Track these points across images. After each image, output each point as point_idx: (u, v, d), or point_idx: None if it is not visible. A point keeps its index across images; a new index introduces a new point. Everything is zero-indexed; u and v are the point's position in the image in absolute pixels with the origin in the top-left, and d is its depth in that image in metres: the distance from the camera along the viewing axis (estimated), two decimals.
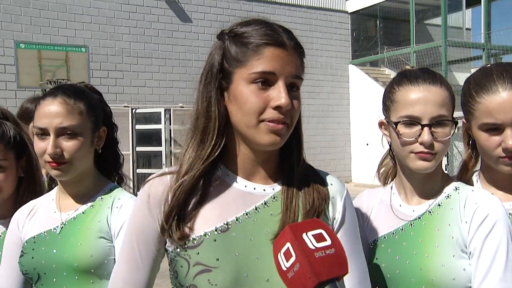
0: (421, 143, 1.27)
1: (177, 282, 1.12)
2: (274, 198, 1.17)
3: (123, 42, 14.10)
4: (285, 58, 1.08)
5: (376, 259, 1.37)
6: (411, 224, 1.34)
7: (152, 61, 14.18)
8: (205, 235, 1.10)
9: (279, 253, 0.95)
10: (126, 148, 12.10)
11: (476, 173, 1.50)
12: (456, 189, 1.34)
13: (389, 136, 1.39)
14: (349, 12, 18.02)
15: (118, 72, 13.97)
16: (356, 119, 17.06)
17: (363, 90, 16.82)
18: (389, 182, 1.52)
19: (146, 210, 1.16)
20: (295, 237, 0.92)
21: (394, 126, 1.31)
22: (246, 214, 1.14)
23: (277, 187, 1.18)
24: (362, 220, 1.45)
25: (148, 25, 14.43)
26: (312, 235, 0.93)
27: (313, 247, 0.90)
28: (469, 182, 1.48)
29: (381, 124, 1.42)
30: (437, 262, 1.24)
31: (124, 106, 12.53)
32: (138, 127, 12.34)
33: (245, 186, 1.17)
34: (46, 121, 1.52)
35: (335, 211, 1.19)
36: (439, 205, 1.33)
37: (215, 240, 1.10)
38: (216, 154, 1.13)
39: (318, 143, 16.93)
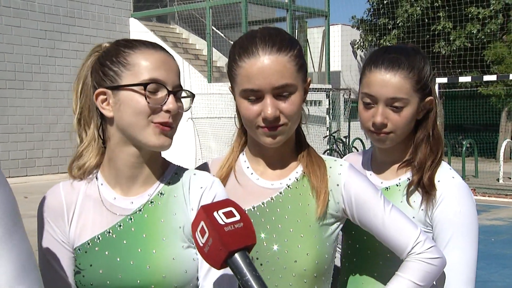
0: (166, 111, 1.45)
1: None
2: None
3: None
4: None
5: (91, 266, 1.34)
6: (131, 219, 1.36)
7: None
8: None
9: (196, 232, 1.15)
10: None
11: (243, 151, 1.62)
12: (176, 174, 1.42)
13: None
14: None
15: None
16: None
17: None
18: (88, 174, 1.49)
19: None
20: (207, 215, 1.13)
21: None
22: None
23: None
24: (62, 222, 1.39)
25: None
26: (223, 212, 1.13)
27: (223, 223, 1.11)
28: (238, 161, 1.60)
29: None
30: (167, 256, 1.30)
31: None
32: None
33: None
34: None
35: None
36: (161, 193, 1.38)
37: None
38: None
39: None
